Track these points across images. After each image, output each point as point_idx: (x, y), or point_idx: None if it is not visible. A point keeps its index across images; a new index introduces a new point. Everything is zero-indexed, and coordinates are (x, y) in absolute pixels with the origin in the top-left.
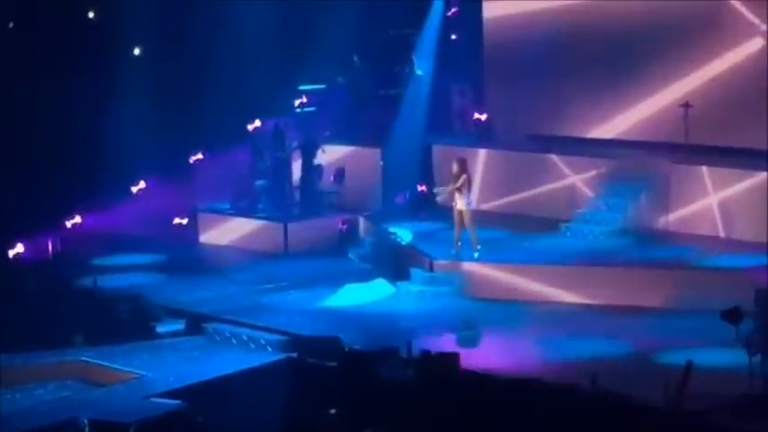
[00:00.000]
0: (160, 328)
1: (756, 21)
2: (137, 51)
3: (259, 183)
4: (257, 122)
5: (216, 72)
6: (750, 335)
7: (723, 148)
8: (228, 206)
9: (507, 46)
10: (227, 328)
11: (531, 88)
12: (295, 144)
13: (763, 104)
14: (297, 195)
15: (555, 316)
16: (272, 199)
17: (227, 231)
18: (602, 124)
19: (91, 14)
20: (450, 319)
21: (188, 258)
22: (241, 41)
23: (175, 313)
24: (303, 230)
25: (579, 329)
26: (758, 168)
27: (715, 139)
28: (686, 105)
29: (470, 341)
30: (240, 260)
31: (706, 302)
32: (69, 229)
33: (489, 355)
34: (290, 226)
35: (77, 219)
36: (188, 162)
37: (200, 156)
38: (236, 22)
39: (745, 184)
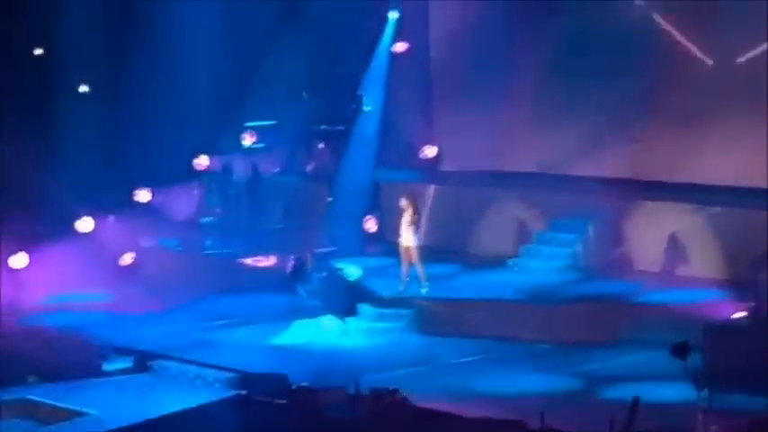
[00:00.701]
0: (107, 366)
1: (705, 57)
2: (83, 89)
3: (207, 219)
4: (205, 159)
5: (163, 109)
6: (698, 370)
7: (671, 184)
8: (177, 243)
9: (456, 83)
10: (174, 365)
11: (481, 124)
12: (243, 180)
13: (711, 139)
14: (246, 231)
15: (503, 351)
16: (220, 235)
17: (174, 268)
18: (551, 160)
19: (38, 51)
20: (399, 355)
21: (135, 295)
22: (189, 78)
23: (123, 351)
24: (251, 267)
25: (527, 365)
26: (707, 203)
27: (663, 175)
28: (635, 140)
29: (418, 378)
30: (188, 297)
31: (654, 337)
32: (12, 266)
33: (437, 391)
34: (239, 262)
35: (22, 256)
36: (135, 199)
37: (147, 192)
38: (184, 58)
39: (693, 219)
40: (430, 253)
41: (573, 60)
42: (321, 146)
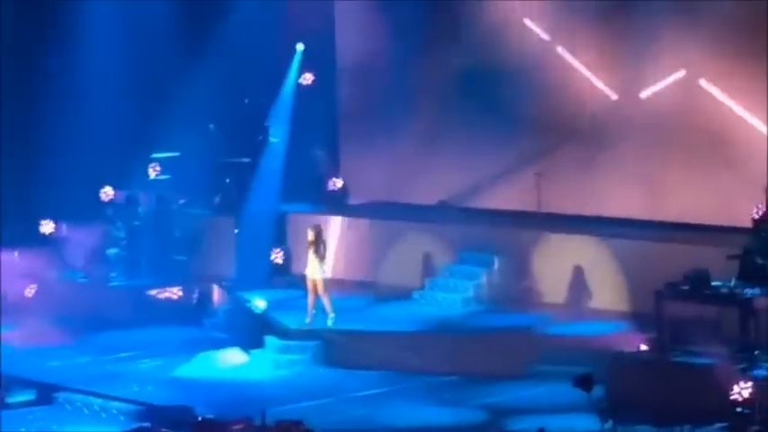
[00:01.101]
0: (10, 399)
1: (606, 89)
2: None
3: (112, 251)
4: (110, 191)
5: (69, 140)
6: (602, 401)
7: (575, 216)
8: (81, 275)
9: (362, 115)
10: (78, 397)
11: (387, 156)
12: (148, 212)
13: (615, 172)
14: (151, 263)
15: (408, 383)
16: (125, 267)
17: (79, 300)
18: (457, 192)
19: None
20: (304, 387)
21: (39, 327)
22: (94, 109)
23: (26, 383)
24: (157, 299)
25: (432, 397)
26: (610, 236)
27: (567, 208)
28: (539, 174)
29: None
30: (93, 329)
31: (559, 369)
32: None
33: (342, 424)
34: (144, 294)
35: None
36: (39, 230)
37: (51, 224)
38: (90, 89)
39: (597, 251)
40: (337, 285)
41: (478, 94)
42: (227, 178)
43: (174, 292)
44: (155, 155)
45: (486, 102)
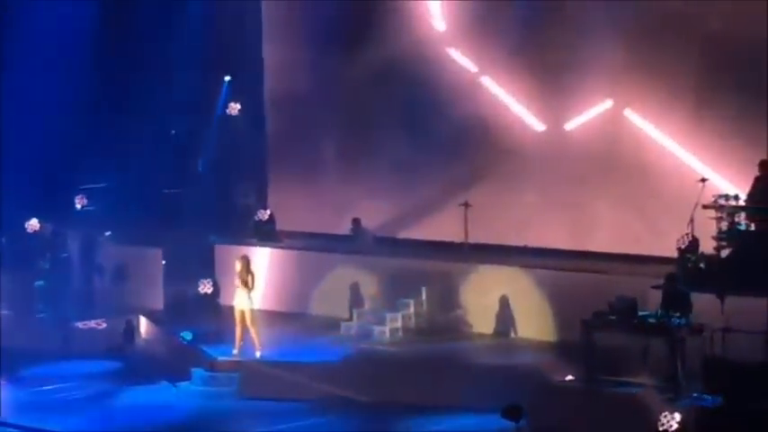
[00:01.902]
0: None
1: (532, 119)
2: None
3: (39, 283)
4: (35, 223)
5: None
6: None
7: (502, 247)
8: (6, 307)
9: (290, 145)
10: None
11: (315, 187)
12: (75, 244)
13: (540, 201)
14: (77, 295)
15: (334, 414)
16: (52, 299)
17: (5, 333)
18: (384, 222)
19: None
20: (230, 419)
21: None
22: (20, 140)
23: None
24: (84, 331)
25: (361, 428)
26: (537, 266)
27: (494, 238)
28: (466, 204)
29: None
30: (20, 362)
31: (486, 399)
32: None
33: None
34: (71, 326)
35: None
36: None
37: None
38: (16, 120)
39: (524, 282)
40: (265, 316)
41: (405, 126)
42: (155, 208)
43: (101, 324)
44: (82, 186)
45: (412, 133)
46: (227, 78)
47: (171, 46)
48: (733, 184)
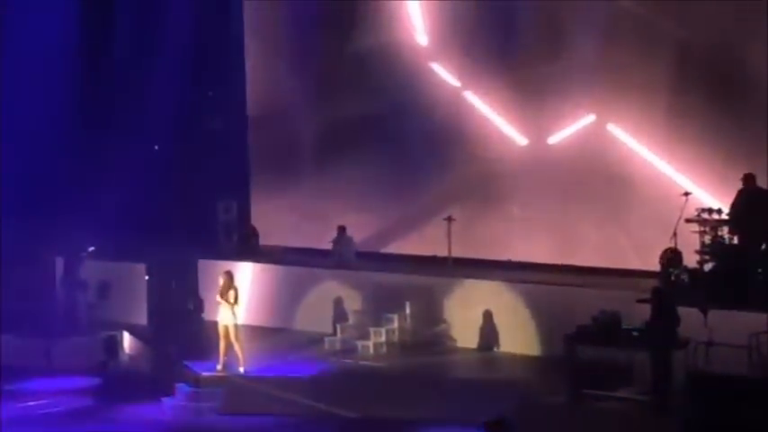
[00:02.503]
0: None
1: (515, 134)
2: None
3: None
4: None
5: None
6: None
7: (486, 261)
8: None
9: (272, 160)
10: None
11: (299, 202)
12: (59, 260)
13: (525, 217)
14: (60, 311)
15: (321, 430)
16: (34, 315)
17: None
18: (368, 237)
19: None
20: None
21: None
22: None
23: None
24: (67, 347)
25: None
26: (520, 281)
27: (478, 252)
28: (449, 219)
29: None
30: (3, 377)
31: (470, 414)
32: None
33: None
34: (54, 342)
35: None
36: None
37: None
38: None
39: (507, 296)
40: (248, 331)
41: (388, 139)
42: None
43: (84, 340)
44: (65, 201)
45: (395, 146)
46: (210, 94)
47: (154, 61)
48: (716, 198)
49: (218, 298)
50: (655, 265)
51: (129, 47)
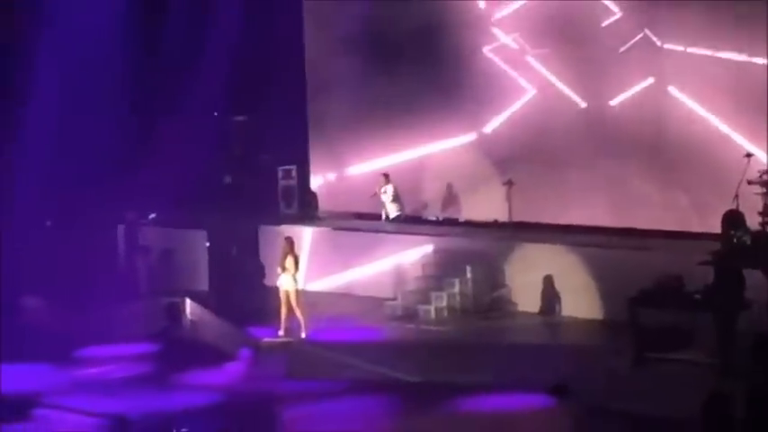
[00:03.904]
0: None
1: (575, 97)
2: None
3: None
4: None
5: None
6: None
7: (547, 225)
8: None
9: (332, 125)
10: (54, 413)
11: (357, 167)
12: (120, 227)
13: (584, 179)
14: (122, 277)
15: (382, 394)
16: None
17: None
18: (429, 202)
19: None
20: (274, 400)
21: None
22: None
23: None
24: (128, 313)
25: (407, 408)
26: (582, 244)
27: (539, 216)
28: (509, 183)
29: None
30: (67, 344)
31: (532, 378)
32: None
33: None
34: (115, 308)
35: None
36: None
37: None
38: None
39: (569, 260)
40: (309, 296)
41: (447, 107)
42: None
43: (145, 306)
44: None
45: (455, 112)
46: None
47: (211, 30)
48: None
49: (279, 264)
50: (716, 228)
51: (187, 17)
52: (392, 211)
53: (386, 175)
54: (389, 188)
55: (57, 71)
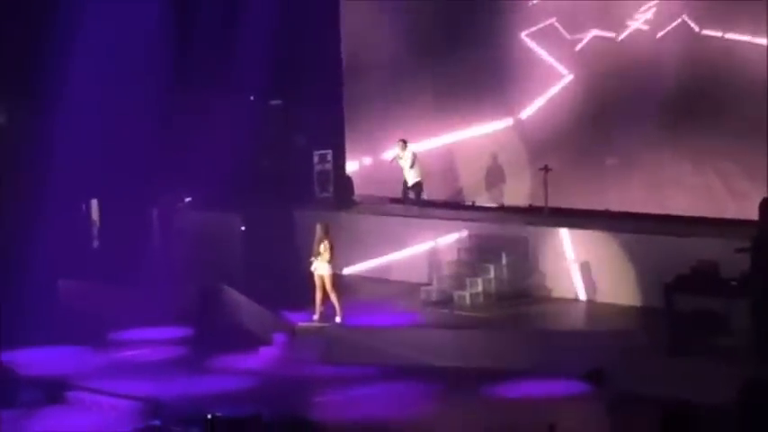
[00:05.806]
0: (22, 397)
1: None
2: None
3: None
4: None
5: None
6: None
7: (583, 211)
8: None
9: (367, 111)
10: (87, 396)
11: (395, 151)
12: (154, 212)
13: (621, 165)
14: (156, 261)
15: (417, 379)
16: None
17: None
18: (465, 188)
19: None
20: (309, 384)
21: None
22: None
23: (35, 382)
24: (163, 296)
25: (442, 393)
26: (618, 230)
27: (575, 202)
28: (545, 169)
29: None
30: (102, 327)
31: (567, 364)
32: None
33: (351, 419)
34: (150, 292)
35: None
36: None
37: None
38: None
39: (605, 246)
40: (345, 281)
41: (483, 92)
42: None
43: (180, 290)
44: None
45: (492, 96)
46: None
47: (247, 15)
48: None
49: (315, 248)
50: (753, 214)
51: (224, 0)
52: (410, 177)
53: (404, 141)
54: (407, 154)
55: (96, 52)
